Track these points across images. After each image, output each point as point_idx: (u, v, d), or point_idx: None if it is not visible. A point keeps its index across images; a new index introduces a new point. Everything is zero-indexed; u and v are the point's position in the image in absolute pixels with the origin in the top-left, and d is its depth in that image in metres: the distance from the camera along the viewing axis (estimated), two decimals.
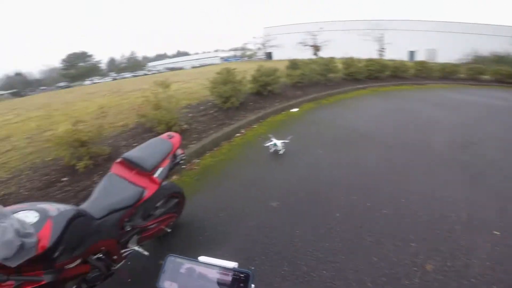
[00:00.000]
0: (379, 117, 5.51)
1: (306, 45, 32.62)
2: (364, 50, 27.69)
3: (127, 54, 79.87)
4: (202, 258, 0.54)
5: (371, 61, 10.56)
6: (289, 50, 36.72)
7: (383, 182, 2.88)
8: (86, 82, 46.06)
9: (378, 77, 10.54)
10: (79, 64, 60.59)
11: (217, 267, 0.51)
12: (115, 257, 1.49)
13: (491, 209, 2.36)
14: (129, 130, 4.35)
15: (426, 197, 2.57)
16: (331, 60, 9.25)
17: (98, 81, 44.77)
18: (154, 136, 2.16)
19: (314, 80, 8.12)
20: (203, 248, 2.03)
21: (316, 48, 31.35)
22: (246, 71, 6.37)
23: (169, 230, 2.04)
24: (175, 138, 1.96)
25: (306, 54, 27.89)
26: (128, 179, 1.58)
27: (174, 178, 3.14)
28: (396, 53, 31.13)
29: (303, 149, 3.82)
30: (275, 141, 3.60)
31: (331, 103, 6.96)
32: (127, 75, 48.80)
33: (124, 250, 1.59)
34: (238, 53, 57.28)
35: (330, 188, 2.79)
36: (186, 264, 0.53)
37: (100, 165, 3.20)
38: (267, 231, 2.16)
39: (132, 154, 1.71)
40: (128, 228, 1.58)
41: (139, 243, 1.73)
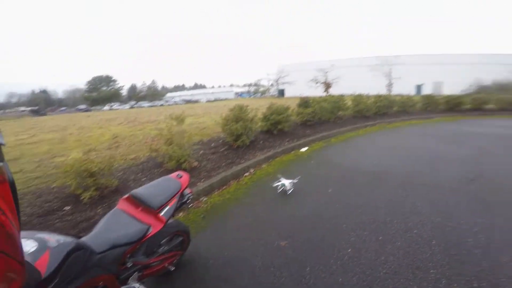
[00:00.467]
0: (387, 155, 5.42)
1: (318, 82, 33.96)
2: (373, 86, 28.28)
3: (148, 82, 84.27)
4: None
5: (379, 97, 10.75)
6: (301, 87, 38.15)
7: (394, 216, 2.84)
8: (105, 108, 48.41)
9: (387, 113, 10.67)
10: (102, 87, 63.50)
11: None
12: None
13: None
14: (139, 164, 4.35)
15: (438, 226, 2.58)
16: (341, 98, 9.45)
17: (117, 107, 47.02)
18: (164, 171, 2.19)
19: (324, 118, 8.22)
20: None
21: (327, 85, 32.42)
22: (258, 108, 6.52)
23: (172, 268, 1.98)
24: (184, 177, 1.99)
25: (317, 91, 28.80)
26: (133, 215, 1.60)
27: (181, 215, 3.08)
28: (404, 87, 31.81)
29: (312, 188, 3.76)
30: (283, 181, 3.59)
31: (340, 141, 6.93)
32: (145, 104, 51.10)
33: (124, 287, 1.55)
34: (252, 88, 59.46)
35: (339, 225, 2.70)
36: None
37: (105, 197, 3.18)
38: (275, 270, 2.07)
39: (140, 191, 1.74)
40: (129, 264, 1.55)
41: (141, 279, 1.68)
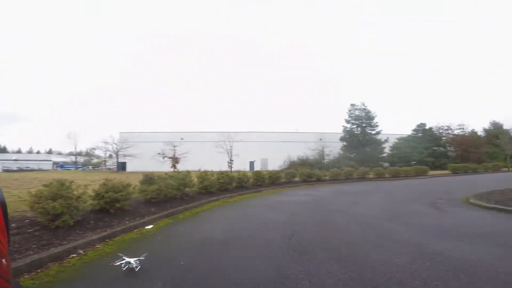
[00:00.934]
0: (229, 225, 6.07)
1: (165, 156, 32.80)
2: (217, 162, 30.92)
3: None
4: None
5: (221, 174, 12.06)
6: (147, 161, 35.35)
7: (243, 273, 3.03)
8: None
9: (228, 188, 11.92)
10: None
11: None
12: None
13: None
14: None
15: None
16: (187, 174, 9.68)
17: None
18: None
19: (170, 195, 7.99)
20: None
21: (175, 160, 31.69)
22: (88, 185, 5.55)
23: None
24: None
25: (164, 167, 27.11)
26: None
27: None
28: (241, 163, 36.10)
29: (162, 263, 3.66)
30: (127, 259, 3.39)
31: (187, 217, 6.96)
32: None
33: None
34: (81, 159, 48.94)
35: None
36: None
37: None
38: None
39: None
40: None
41: None
